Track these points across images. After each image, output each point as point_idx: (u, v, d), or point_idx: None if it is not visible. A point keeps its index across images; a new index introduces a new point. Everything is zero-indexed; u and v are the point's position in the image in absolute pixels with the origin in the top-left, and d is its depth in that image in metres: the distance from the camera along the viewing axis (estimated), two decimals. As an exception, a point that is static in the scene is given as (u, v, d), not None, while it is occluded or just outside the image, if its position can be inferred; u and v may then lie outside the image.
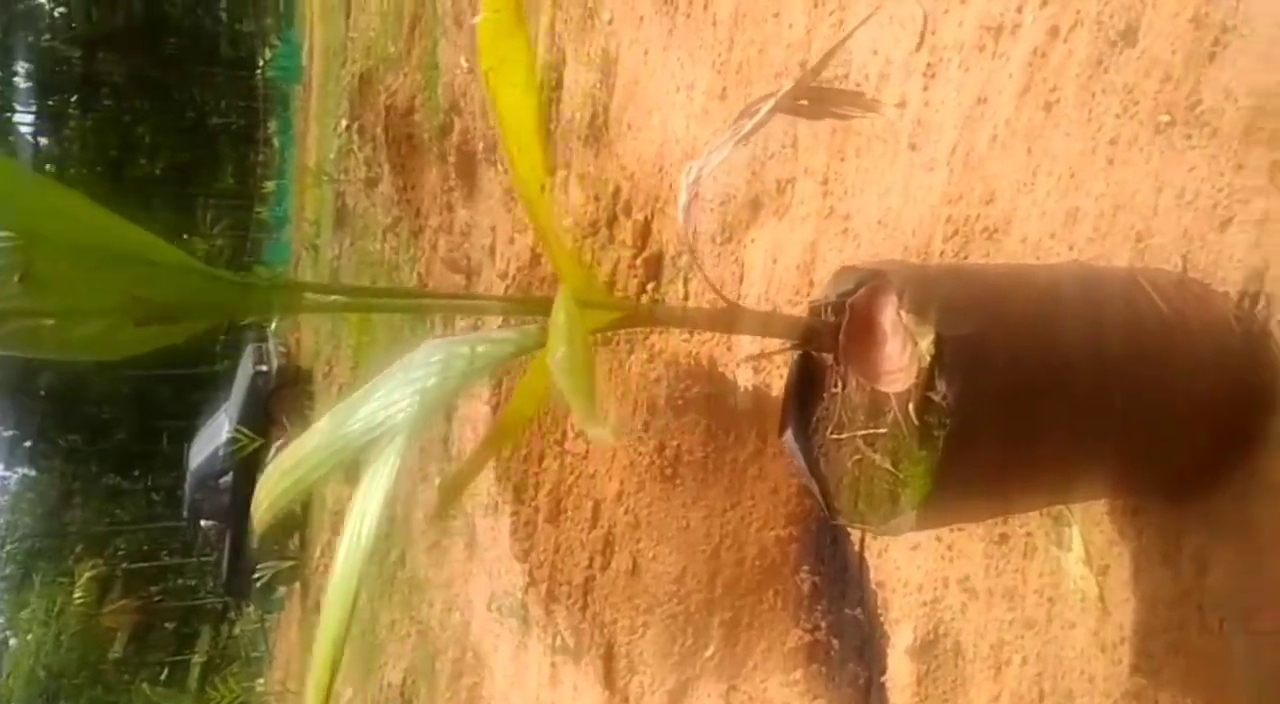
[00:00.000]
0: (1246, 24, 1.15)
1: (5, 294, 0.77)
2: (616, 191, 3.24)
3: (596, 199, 3.36)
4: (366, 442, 0.96)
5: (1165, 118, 1.25)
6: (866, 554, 1.76)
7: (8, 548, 17.97)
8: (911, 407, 0.98)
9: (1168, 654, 1.14)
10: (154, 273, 0.81)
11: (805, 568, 2.36)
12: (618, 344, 2.92)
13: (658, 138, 3.01)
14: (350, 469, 1.02)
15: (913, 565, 1.59)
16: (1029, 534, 1.36)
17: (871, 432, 1.05)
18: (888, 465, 1.02)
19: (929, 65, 1.69)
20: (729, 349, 2.33)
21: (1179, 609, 1.14)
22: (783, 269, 2.08)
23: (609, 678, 2.74)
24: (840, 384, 1.10)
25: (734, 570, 2.52)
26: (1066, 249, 1.37)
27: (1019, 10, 1.50)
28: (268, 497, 1.03)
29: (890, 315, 1.01)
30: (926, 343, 0.95)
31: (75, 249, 0.78)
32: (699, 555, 2.59)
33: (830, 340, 1.08)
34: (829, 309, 1.09)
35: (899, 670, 1.61)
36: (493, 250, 4.68)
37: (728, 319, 1.05)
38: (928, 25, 1.70)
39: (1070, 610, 1.29)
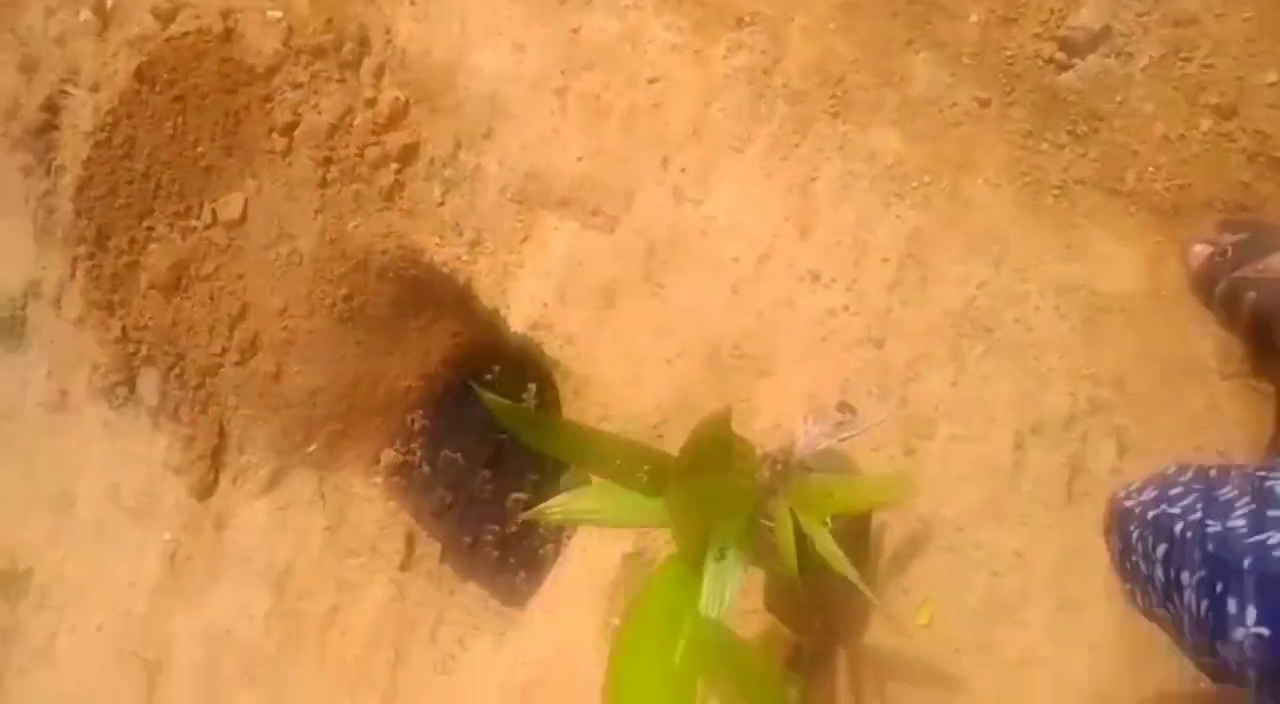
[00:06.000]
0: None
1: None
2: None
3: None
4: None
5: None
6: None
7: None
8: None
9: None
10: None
11: (420, 412, 3.17)
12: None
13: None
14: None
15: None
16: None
17: None
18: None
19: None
20: (462, 257, 2.90)
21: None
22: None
23: (216, 453, 3.21)
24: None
25: (365, 400, 3.19)
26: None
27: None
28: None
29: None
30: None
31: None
32: (339, 382, 3.18)
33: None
34: None
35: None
36: None
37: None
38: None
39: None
